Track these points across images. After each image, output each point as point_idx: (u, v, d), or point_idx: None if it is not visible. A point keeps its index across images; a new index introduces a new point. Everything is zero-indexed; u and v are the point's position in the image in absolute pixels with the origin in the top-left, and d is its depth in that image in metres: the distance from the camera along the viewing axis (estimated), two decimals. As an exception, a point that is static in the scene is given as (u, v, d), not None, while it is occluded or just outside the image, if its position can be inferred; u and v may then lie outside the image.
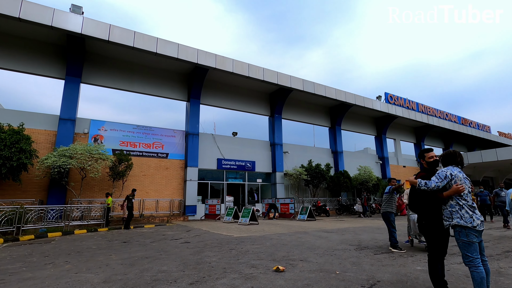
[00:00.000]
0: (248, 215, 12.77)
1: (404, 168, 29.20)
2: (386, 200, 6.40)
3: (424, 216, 3.33)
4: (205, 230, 10.56)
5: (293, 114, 22.70)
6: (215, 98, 19.48)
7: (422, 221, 3.39)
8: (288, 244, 6.95)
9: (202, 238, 8.27)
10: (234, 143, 20.04)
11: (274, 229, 10.51)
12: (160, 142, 17.21)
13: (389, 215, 6.22)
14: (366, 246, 6.52)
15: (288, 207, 16.63)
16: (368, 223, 13.22)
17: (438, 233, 3.20)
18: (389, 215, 6.22)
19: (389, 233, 6.16)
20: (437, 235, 3.21)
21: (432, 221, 3.24)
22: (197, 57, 16.51)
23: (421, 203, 3.35)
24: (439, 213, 3.20)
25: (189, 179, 16.99)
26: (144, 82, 17.26)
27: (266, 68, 19.10)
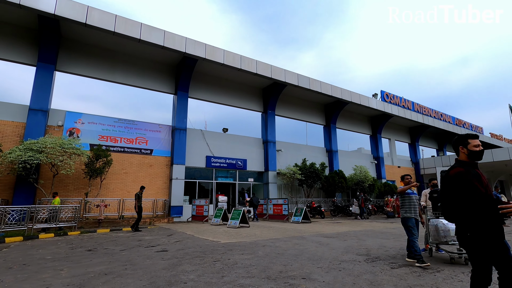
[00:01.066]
0: (238, 217, 11.63)
1: (399, 169, 28.56)
2: (402, 203, 5.24)
3: (470, 227, 2.31)
4: (189, 234, 9.38)
5: (287, 110, 21.67)
6: (204, 92, 18.27)
7: (467, 233, 2.36)
8: (285, 253, 5.86)
9: (183, 245, 7.09)
10: (225, 140, 18.87)
11: (267, 233, 9.41)
12: (144, 138, 15.90)
13: (407, 221, 5.09)
14: (377, 257, 5.48)
15: (281, 208, 15.57)
16: (367, 226, 12.27)
17: (490, 250, 2.20)
18: (407, 221, 5.10)
19: (407, 242, 5.05)
20: (488, 254, 2.21)
21: (482, 234, 2.23)
22: (185, 46, 15.29)
23: (466, 209, 2.32)
24: (494, 223, 2.21)
25: (175, 178, 15.74)
26: (127, 72, 15.92)
27: (259, 61, 18.01)
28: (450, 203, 2.44)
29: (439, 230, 5.18)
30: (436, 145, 34.80)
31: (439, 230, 5.18)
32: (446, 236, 5.02)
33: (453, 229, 5.02)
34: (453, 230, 5.01)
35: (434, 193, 6.00)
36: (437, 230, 5.22)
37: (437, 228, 5.23)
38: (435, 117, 30.05)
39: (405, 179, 5.48)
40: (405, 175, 5.54)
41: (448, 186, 2.45)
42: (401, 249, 6.36)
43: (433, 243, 5.39)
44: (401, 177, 5.53)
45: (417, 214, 5.06)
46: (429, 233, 5.54)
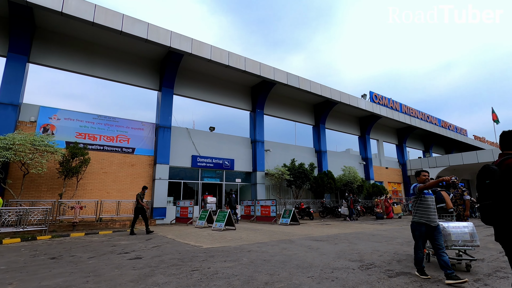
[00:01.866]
0: (223, 219, 11.04)
1: (386, 170, 28.65)
2: (415, 205, 4.34)
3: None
4: (170, 238, 8.74)
5: (276, 110, 21.24)
6: (191, 89, 17.60)
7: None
8: (271, 259, 5.34)
9: (161, 250, 6.47)
10: (211, 139, 18.24)
11: (253, 237, 8.88)
12: (126, 135, 15.08)
13: (414, 228, 4.24)
14: (371, 263, 5.04)
15: (269, 210, 15.07)
16: (357, 228, 11.93)
17: None
18: (414, 228, 4.25)
19: (414, 252, 4.29)
20: None
21: None
22: (170, 40, 14.60)
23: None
24: None
25: (158, 178, 14.99)
26: (108, 66, 15.08)
27: (248, 58, 17.50)
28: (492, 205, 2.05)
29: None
30: (423, 146, 35.22)
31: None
32: (446, 241, 4.60)
33: (454, 233, 4.65)
34: (454, 234, 4.63)
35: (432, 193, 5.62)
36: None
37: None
38: (421, 118, 30.34)
39: (422, 175, 4.45)
40: (421, 170, 4.55)
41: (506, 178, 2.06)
42: (395, 253, 5.97)
43: (431, 248, 4.99)
44: (416, 173, 4.56)
45: (431, 219, 4.11)
46: None
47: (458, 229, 4.67)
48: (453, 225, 4.75)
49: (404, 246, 6.98)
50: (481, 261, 5.19)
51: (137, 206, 10.46)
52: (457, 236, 4.60)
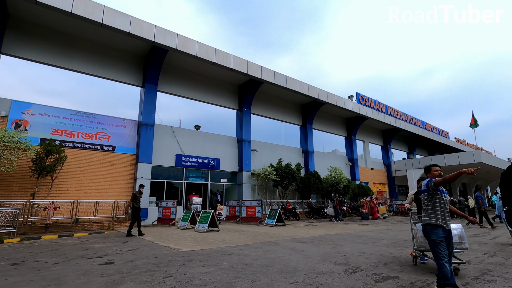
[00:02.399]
0: (206, 221, 10.67)
1: (372, 171, 28.95)
2: (426, 204, 3.66)
3: None
4: (149, 240, 8.30)
5: (263, 109, 21.00)
6: (175, 86, 17.10)
7: None
8: (253, 263, 5.05)
9: (136, 254, 6.06)
10: (197, 138, 17.80)
11: (236, 239, 8.57)
12: (106, 133, 14.44)
13: (431, 231, 3.49)
14: (357, 266, 4.84)
15: (254, 210, 14.79)
16: (343, 229, 11.82)
17: None
18: (430, 231, 3.50)
19: (436, 264, 3.43)
20: None
21: None
22: (154, 34, 14.10)
23: None
24: None
25: (140, 177, 14.43)
26: (88, 60, 14.40)
27: (235, 56, 17.17)
28: None
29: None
30: (407, 148, 35.86)
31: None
32: None
33: None
34: None
35: (420, 193, 5.40)
36: (424, 236, 4.59)
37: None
38: (406, 120, 30.87)
39: (433, 170, 3.81)
40: (430, 165, 3.90)
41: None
42: (381, 255, 5.81)
43: (419, 250, 4.83)
44: (425, 168, 3.99)
45: (446, 221, 3.47)
46: (413, 239, 4.99)
47: None
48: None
49: (389, 247, 6.85)
50: (467, 263, 5.08)
51: (133, 205, 9.90)
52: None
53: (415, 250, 4.93)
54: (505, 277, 4.17)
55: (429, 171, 3.91)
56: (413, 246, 5.02)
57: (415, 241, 4.91)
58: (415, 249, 4.91)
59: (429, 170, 3.91)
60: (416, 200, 5.35)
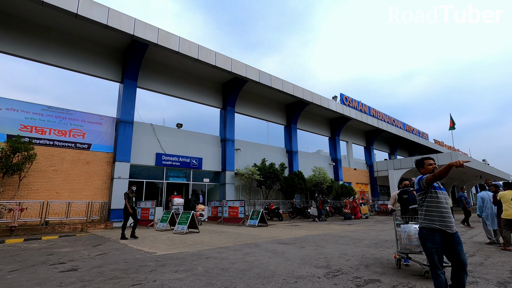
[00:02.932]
0: (186, 222, 10.28)
1: (355, 171, 29.31)
2: (421, 204, 3.15)
3: None
4: (123, 243, 7.84)
5: (248, 108, 20.73)
6: (156, 82, 16.52)
7: None
8: (230, 268, 4.77)
9: (105, 259, 5.63)
10: (178, 137, 17.28)
11: (216, 241, 8.25)
12: (81, 130, 13.71)
13: (425, 236, 2.98)
14: (339, 269, 4.65)
15: (237, 211, 14.48)
16: (325, 229, 11.74)
17: None
18: (425, 236, 2.98)
19: (430, 273, 3.02)
20: None
21: None
22: (134, 27, 13.52)
23: None
24: None
25: (117, 177, 13.80)
26: (63, 54, 13.62)
27: (219, 53, 16.81)
28: None
29: (412, 238, 4.37)
30: (388, 149, 36.63)
31: (412, 238, 4.37)
32: (420, 245, 4.25)
33: None
34: None
35: (404, 193, 5.22)
36: (409, 238, 4.41)
37: (409, 236, 4.40)
38: (388, 122, 31.48)
39: (427, 164, 3.24)
40: (422, 158, 3.32)
41: None
42: (363, 257, 5.67)
43: (403, 253, 4.67)
44: (416, 163, 3.38)
45: (446, 223, 2.91)
46: (397, 241, 4.83)
47: None
48: None
49: (371, 248, 6.75)
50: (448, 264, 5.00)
51: (130, 205, 9.23)
52: None
53: (399, 253, 4.77)
54: (486, 278, 4.10)
55: (421, 166, 3.31)
56: (396, 249, 4.86)
57: (399, 243, 4.76)
58: (399, 251, 4.75)
59: (422, 165, 3.31)
60: (400, 200, 5.21)
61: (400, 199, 5.23)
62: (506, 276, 4.18)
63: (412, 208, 5.08)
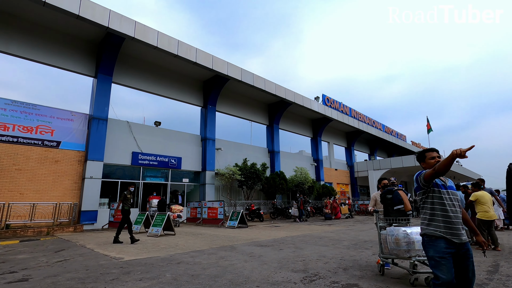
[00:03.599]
0: (161, 224, 9.79)
1: (336, 171, 29.61)
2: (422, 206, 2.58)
3: None
4: (89, 248, 7.28)
5: (229, 107, 20.36)
6: (134, 78, 15.83)
7: None
8: (201, 274, 4.43)
9: (64, 267, 5.12)
10: (156, 135, 16.65)
11: (192, 243, 7.86)
12: (49, 126, 12.84)
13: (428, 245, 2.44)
14: (316, 273, 4.43)
15: (216, 212, 14.09)
16: (305, 229, 11.60)
17: None
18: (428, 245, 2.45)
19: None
20: None
21: None
22: (109, 19, 12.83)
23: None
24: None
25: (89, 177, 13.04)
26: (31, 45, 12.73)
27: (200, 49, 16.35)
28: None
29: (401, 242, 3.95)
30: (368, 150, 37.36)
31: (401, 242, 3.95)
32: (409, 250, 3.88)
33: (418, 240, 3.84)
34: (419, 242, 3.83)
35: (388, 193, 4.84)
36: (397, 242, 3.98)
37: (397, 240, 3.98)
38: (368, 123, 32.08)
39: (429, 157, 2.64)
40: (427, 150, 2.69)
41: None
42: (341, 259, 5.50)
43: (388, 258, 4.27)
44: (418, 156, 2.78)
45: (453, 230, 2.35)
46: (381, 245, 4.43)
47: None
48: (415, 231, 3.96)
49: (350, 249, 6.61)
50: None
51: (123, 208, 8.47)
52: (420, 244, 3.63)
53: (383, 258, 4.37)
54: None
55: (422, 160, 2.72)
56: (379, 254, 4.49)
57: (383, 247, 4.36)
58: (383, 256, 4.35)
59: (423, 158, 2.71)
60: (383, 200, 4.89)
61: (384, 200, 4.87)
62: (483, 277, 4.11)
63: (397, 209, 4.67)
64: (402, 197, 4.68)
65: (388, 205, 4.73)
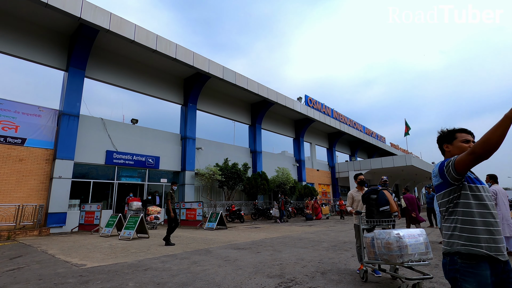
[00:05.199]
0: (133, 226, 9.25)
1: (318, 172, 29.79)
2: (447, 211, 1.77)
3: None
4: (50, 254, 6.68)
5: (211, 106, 19.90)
6: (109, 73, 15.06)
7: None
8: (169, 282, 4.06)
9: (15, 276, 4.59)
10: (133, 133, 15.94)
11: (165, 247, 7.42)
12: (13, 122, 11.92)
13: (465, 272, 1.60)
14: (292, 278, 4.18)
15: (195, 213, 13.63)
16: (285, 231, 11.40)
17: None
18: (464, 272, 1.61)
19: None
20: None
21: None
22: (81, 9, 12.08)
23: None
24: None
25: (57, 176, 12.21)
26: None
27: (180, 45, 15.81)
28: None
29: (393, 247, 3.48)
30: (349, 151, 37.96)
31: (393, 247, 3.48)
32: (402, 255, 3.40)
33: (412, 244, 3.43)
34: (412, 246, 3.42)
35: (373, 193, 4.33)
36: (388, 247, 3.51)
37: (388, 244, 3.52)
38: (349, 125, 32.55)
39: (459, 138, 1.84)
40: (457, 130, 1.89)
41: None
42: (320, 262, 5.29)
43: (373, 263, 3.93)
44: (442, 136, 1.94)
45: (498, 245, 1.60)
46: (363, 247, 4.17)
47: (413, 238, 3.50)
48: (408, 234, 3.53)
49: (329, 251, 6.44)
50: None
51: (172, 207, 8.03)
52: (414, 248, 3.43)
53: (367, 264, 4.07)
54: (443, 283, 3.88)
55: (449, 141, 1.90)
56: (362, 259, 4.19)
57: (367, 251, 4.04)
58: (367, 262, 4.03)
59: (450, 140, 1.89)
60: (366, 200, 4.38)
61: (367, 200, 4.36)
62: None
63: (383, 210, 4.24)
64: (388, 198, 4.33)
65: (372, 206, 4.30)
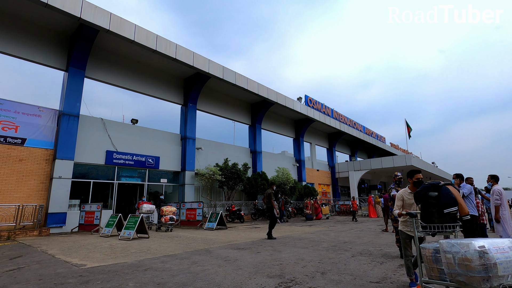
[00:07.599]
0: (133, 227, 9.25)
1: (318, 172, 29.79)
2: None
3: None
4: (51, 254, 6.68)
5: (211, 106, 19.90)
6: (108, 73, 15.06)
7: None
8: (169, 282, 4.06)
9: (15, 276, 4.59)
10: (133, 133, 15.94)
11: (165, 247, 7.42)
12: (13, 122, 11.92)
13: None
14: (292, 279, 4.18)
15: (195, 213, 13.63)
16: (285, 231, 11.40)
17: None
18: None
19: None
20: None
21: None
22: (81, 9, 12.09)
23: None
24: None
25: (57, 176, 12.22)
26: (-9, 33, 11.75)
27: (180, 45, 15.82)
28: None
29: (474, 265, 2.48)
30: (349, 151, 37.95)
31: (474, 265, 2.48)
32: (490, 278, 2.42)
33: (503, 261, 2.45)
34: (502, 264, 2.44)
35: (433, 189, 3.28)
36: (467, 265, 2.52)
37: (467, 261, 2.52)
38: (349, 125, 32.54)
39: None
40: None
41: None
42: (320, 262, 5.30)
43: (439, 284, 2.92)
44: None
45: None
46: (422, 264, 3.20)
47: (503, 252, 2.50)
48: (495, 247, 2.52)
49: (329, 251, 6.44)
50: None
51: (267, 205, 9.34)
52: (506, 267, 2.45)
53: (425, 284, 3.10)
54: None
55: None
56: (420, 277, 3.23)
57: (426, 268, 3.07)
58: (427, 282, 3.07)
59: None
60: (423, 199, 3.33)
61: (423, 198, 3.31)
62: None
63: (448, 212, 3.18)
64: (455, 195, 3.25)
65: (432, 206, 3.24)
